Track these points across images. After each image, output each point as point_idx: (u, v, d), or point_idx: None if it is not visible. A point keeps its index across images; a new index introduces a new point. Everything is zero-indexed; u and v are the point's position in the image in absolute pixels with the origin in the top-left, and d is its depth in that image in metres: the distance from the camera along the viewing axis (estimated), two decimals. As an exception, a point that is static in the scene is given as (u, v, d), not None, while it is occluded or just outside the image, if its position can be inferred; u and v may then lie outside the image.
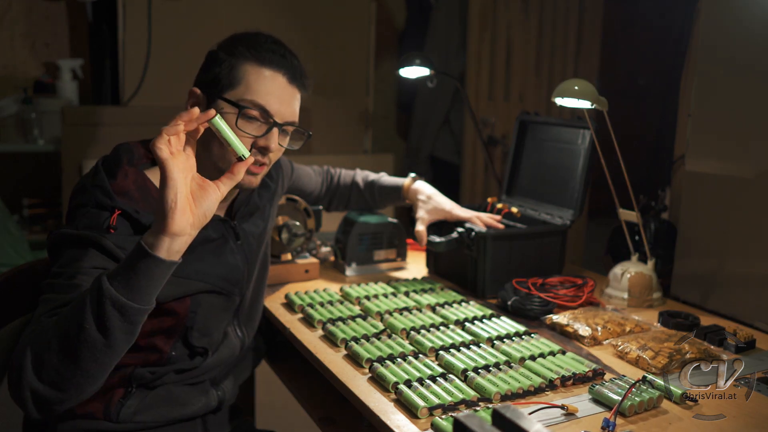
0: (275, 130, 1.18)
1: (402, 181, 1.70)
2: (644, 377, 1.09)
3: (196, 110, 0.94)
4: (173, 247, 0.92)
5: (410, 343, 1.25)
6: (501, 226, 1.63)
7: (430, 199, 1.65)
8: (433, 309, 1.43)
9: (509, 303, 1.44)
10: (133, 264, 0.91)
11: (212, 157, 1.18)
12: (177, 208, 0.90)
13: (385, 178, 1.72)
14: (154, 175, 1.19)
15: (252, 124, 1.17)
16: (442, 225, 1.66)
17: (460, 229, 1.59)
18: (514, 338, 1.27)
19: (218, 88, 1.18)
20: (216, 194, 0.96)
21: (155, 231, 0.91)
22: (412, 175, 1.70)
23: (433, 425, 0.97)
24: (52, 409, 0.92)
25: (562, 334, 1.34)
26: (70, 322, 0.90)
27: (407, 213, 1.69)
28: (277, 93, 1.18)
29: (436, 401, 1.01)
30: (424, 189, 1.67)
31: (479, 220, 1.62)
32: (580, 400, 1.06)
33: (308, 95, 1.28)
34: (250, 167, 1.17)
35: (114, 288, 0.89)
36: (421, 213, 1.64)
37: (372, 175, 1.73)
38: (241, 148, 0.98)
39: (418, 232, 1.63)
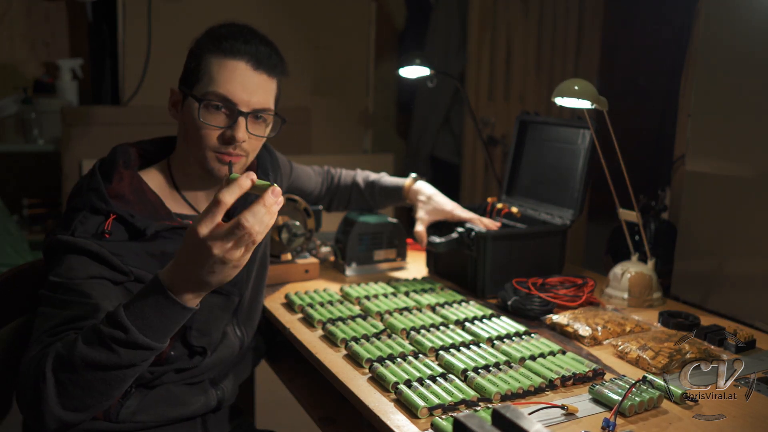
0: (241, 120, 1.17)
1: (403, 182, 1.70)
2: (644, 377, 1.09)
3: (235, 194, 0.85)
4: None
5: (410, 343, 1.25)
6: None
7: (431, 200, 1.64)
8: (433, 309, 1.43)
9: (509, 303, 1.43)
10: (163, 310, 0.90)
11: (194, 153, 1.19)
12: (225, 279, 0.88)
13: (386, 179, 1.72)
14: (148, 177, 1.20)
15: (216, 116, 1.17)
16: (442, 225, 1.66)
17: (460, 229, 1.58)
18: (514, 338, 1.27)
19: (188, 84, 1.19)
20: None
21: (196, 291, 0.89)
22: (413, 175, 1.70)
23: (433, 425, 0.96)
24: (74, 428, 0.95)
25: (562, 334, 1.34)
26: (100, 361, 0.90)
27: (407, 213, 1.69)
28: (240, 81, 1.17)
29: (436, 401, 1.01)
30: (424, 189, 1.66)
31: (480, 221, 1.62)
32: (580, 400, 1.06)
33: (287, 77, 1.25)
34: (221, 156, 1.18)
35: (149, 338, 0.90)
36: (421, 213, 1.64)
37: (372, 175, 1.73)
38: (264, 184, 0.87)
39: (417, 233, 1.63)
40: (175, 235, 1.15)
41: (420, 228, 1.63)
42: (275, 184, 0.86)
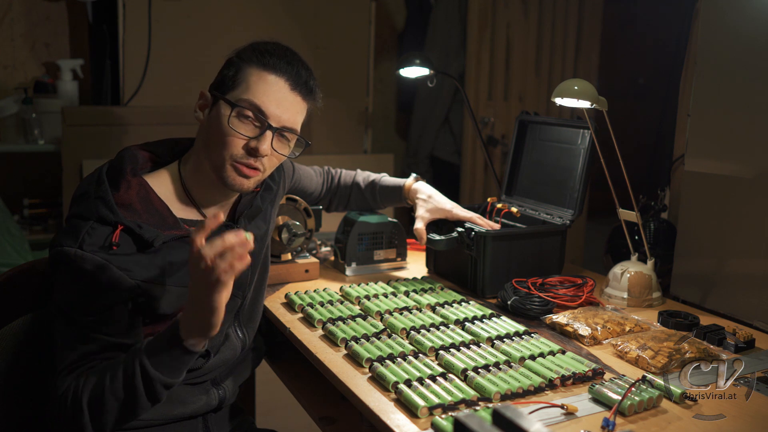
0: (268, 133, 1.17)
1: (403, 182, 1.70)
2: (644, 377, 1.09)
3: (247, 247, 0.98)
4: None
5: (410, 343, 1.26)
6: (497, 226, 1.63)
7: (431, 199, 1.65)
8: (433, 309, 1.43)
9: (509, 303, 1.44)
10: (178, 359, 1.04)
11: (212, 158, 1.18)
12: (219, 324, 1.02)
13: (386, 179, 1.72)
14: (155, 182, 1.19)
15: (245, 125, 1.17)
16: (442, 224, 1.66)
17: (460, 229, 1.59)
18: (514, 338, 1.27)
19: (222, 90, 1.19)
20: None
21: (197, 334, 1.02)
22: (414, 175, 1.70)
23: (433, 425, 0.97)
24: None
25: (561, 333, 1.34)
26: (123, 396, 1.03)
27: (407, 213, 1.69)
28: (276, 96, 1.18)
29: (436, 401, 1.01)
30: (424, 189, 1.67)
31: (480, 220, 1.62)
32: (579, 399, 1.06)
33: (318, 107, 1.27)
34: (241, 168, 1.17)
35: (163, 375, 1.03)
36: (421, 212, 1.64)
37: (373, 176, 1.73)
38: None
39: (417, 230, 1.63)
40: (182, 244, 1.15)
41: (419, 225, 1.63)
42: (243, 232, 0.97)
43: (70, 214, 1.14)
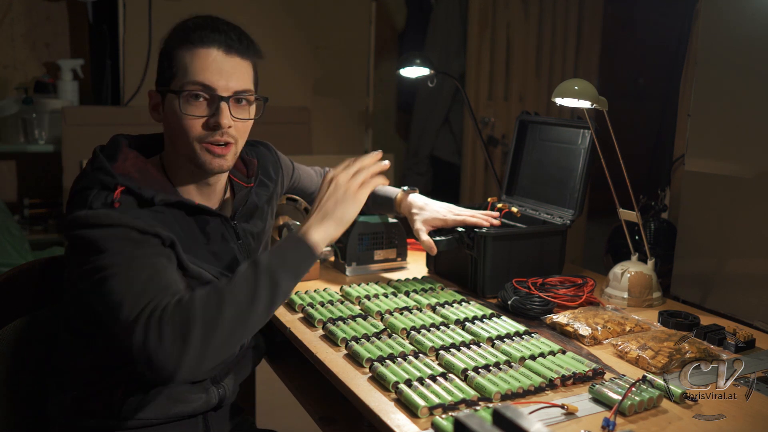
0: (222, 105, 1.16)
1: (394, 193, 1.67)
2: (644, 377, 1.09)
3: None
4: None
5: (410, 343, 1.26)
6: (497, 222, 1.62)
7: (423, 210, 1.62)
8: (433, 309, 1.43)
9: (509, 303, 1.44)
10: (301, 255, 1.11)
11: (182, 149, 1.18)
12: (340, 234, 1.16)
13: (379, 188, 1.68)
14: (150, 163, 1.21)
15: (198, 106, 1.16)
16: (442, 225, 1.66)
17: (460, 229, 1.59)
18: (514, 338, 1.27)
19: (164, 83, 1.18)
20: None
21: (323, 239, 1.13)
22: (405, 188, 1.67)
23: (434, 425, 0.97)
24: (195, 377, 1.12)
25: (562, 333, 1.34)
26: (241, 302, 1.03)
27: (407, 213, 1.68)
28: (215, 67, 1.16)
29: (437, 401, 1.01)
30: (416, 201, 1.63)
31: (475, 218, 1.61)
32: (580, 399, 1.06)
33: (261, 59, 1.24)
34: (213, 149, 1.17)
35: (289, 281, 1.08)
36: (418, 224, 1.61)
37: None
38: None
39: (425, 243, 1.59)
40: (183, 215, 1.16)
41: (425, 237, 1.59)
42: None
43: (72, 192, 1.15)
